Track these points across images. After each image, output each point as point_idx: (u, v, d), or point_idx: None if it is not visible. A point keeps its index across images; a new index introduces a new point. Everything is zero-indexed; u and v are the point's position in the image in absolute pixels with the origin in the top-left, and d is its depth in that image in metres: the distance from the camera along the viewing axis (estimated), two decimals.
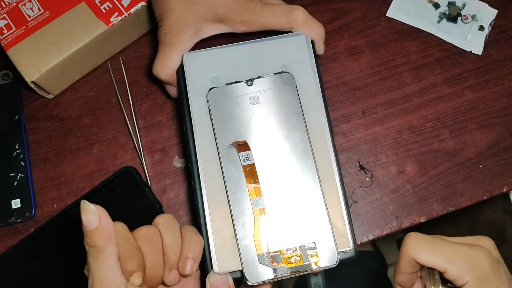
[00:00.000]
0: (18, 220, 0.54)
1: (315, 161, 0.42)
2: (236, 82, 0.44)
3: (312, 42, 0.48)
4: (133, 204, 0.53)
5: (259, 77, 0.44)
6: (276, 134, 0.43)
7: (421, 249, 0.38)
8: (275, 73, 0.44)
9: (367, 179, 0.55)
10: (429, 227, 0.95)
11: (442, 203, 0.54)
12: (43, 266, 0.52)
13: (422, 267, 0.41)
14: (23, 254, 0.53)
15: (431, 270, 0.40)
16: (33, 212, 0.54)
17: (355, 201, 0.54)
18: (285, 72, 0.44)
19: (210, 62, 0.46)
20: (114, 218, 0.52)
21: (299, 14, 0.47)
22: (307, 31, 0.47)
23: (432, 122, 0.56)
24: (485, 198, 0.54)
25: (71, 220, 0.53)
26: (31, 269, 0.52)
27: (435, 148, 0.55)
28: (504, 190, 0.54)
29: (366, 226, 0.53)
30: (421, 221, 0.53)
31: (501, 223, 0.75)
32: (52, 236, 0.53)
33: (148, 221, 0.52)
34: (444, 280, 0.40)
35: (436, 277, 0.40)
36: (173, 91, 0.52)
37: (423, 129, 0.56)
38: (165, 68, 0.48)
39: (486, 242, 0.40)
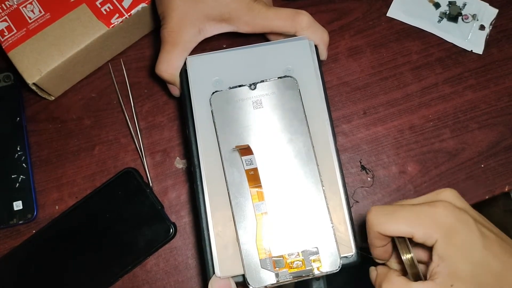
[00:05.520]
0: (20, 222, 0.54)
1: (318, 165, 0.42)
2: (239, 86, 0.44)
3: (316, 46, 0.48)
4: (135, 205, 0.53)
5: (262, 81, 0.44)
6: (279, 138, 0.43)
7: (382, 222, 0.38)
8: (278, 77, 0.44)
9: (369, 179, 0.55)
10: None
11: None
12: (45, 267, 0.52)
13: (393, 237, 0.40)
14: (25, 256, 0.53)
15: (401, 238, 0.39)
16: (35, 213, 0.54)
17: (357, 201, 0.54)
18: (288, 76, 0.44)
19: (213, 65, 0.46)
20: (116, 219, 0.53)
21: (304, 18, 0.47)
22: (311, 35, 0.47)
23: (433, 121, 0.56)
24: (486, 197, 0.54)
25: (73, 222, 0.54)
26: (32, 270, 0.52)
27: (436, 148, 0.55)
28: (506, 189, 0.54)
29: None
30: None
31: (503, 223, 0.75)
32: (54, 237, 0.53)
33: (149, 222, 0.53)
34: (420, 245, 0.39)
35: (406, 244, 0.39)
36: (175, 90, 0.52)
37: (424, 128, 0.56)
38: (168, 68, 0.48)
39: (446, 195, 0.39)
